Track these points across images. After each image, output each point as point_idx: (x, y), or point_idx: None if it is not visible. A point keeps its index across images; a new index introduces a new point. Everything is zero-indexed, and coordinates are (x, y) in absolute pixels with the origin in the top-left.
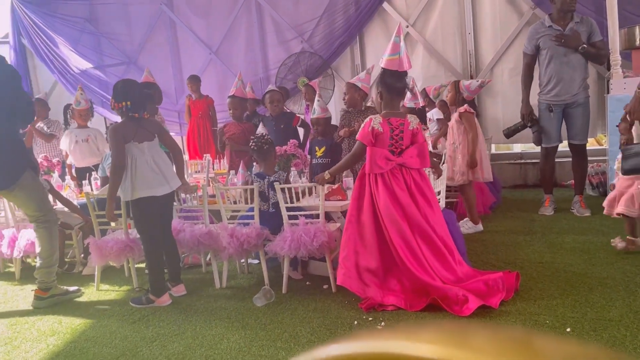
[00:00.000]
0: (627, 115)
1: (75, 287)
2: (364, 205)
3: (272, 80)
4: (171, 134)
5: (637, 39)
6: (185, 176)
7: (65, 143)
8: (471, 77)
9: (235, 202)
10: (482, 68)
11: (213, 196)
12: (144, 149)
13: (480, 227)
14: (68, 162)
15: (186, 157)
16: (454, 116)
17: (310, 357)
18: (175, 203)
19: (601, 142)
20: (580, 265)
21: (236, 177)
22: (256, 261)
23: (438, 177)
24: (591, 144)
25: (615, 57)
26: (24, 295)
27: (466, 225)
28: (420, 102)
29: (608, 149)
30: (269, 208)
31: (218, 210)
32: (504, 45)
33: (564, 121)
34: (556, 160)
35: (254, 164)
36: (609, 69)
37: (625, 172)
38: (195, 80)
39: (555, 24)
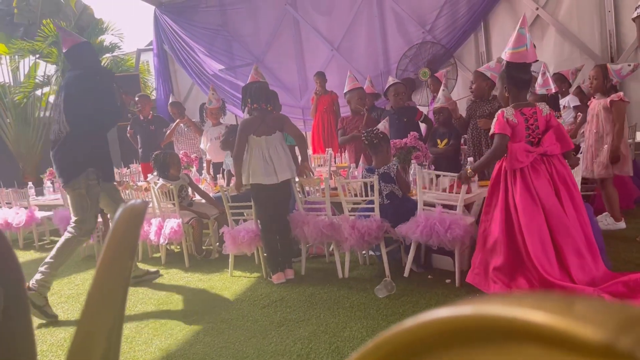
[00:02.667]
0: None
1: (155, 270)
2: (499, 200)
3: (393, 74)
4: None
5: None
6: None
7: (203, 143)
8: (612, 60)
9: (356, 195)
10: (624, 49)
11: (335, 189)
12: (262, 143)
13: (622, 224)
14: (207, 158)
15: (310, 151)
16: (601, 103)
17: (417, 320)
18: (300, 195)
19: None
20: None
21: (357, 171)
22: (377, 253)
23: (573, 168)
24: None
25: None
26: (170, 277)
27: (605, 221)
28: (553, 89)
29: None
30: (383, 200)
31: (340, 202)
32: None
33: None
34: None
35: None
36: None
37: None
38: (320, 77)
39: None
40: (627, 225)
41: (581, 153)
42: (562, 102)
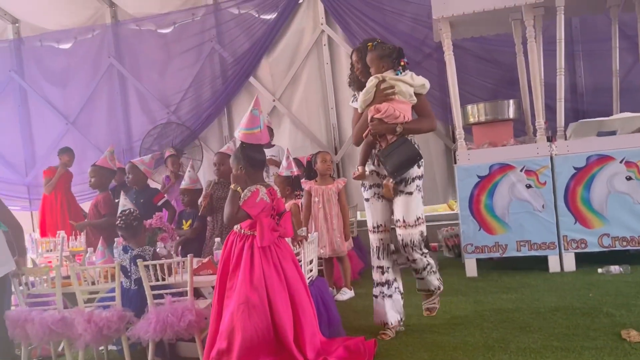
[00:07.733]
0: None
1: None
2: (239, 281)
3: (136, 151)
4: (16, 209)
5: (470, 117)
6: (36, 255)
7: None
8: (335, 150)
9: (93, 283)
10: (344, 141)
11: (68, 277)
12: None
13: (352, 292)
14: None
15: (37, 235)
16: (331, 188)
17: None
18: (21, 287)
19: (453, 207)
20: (443, 326)
21: (95, 255)
22: (118, 347)
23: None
24: (444, 209)
25: (459, 132)
26: None
27: (344, 292)
28: (295, 171)
29: (460, 213)
30: (131, 285)
31: (73, 293)
32: None
33: None
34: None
35: (115, 239)
36: (454, 142)
37: (391, 173)
38: (70, 154)
39: None
40: (355, 294)
41: (315, 232)
42: None
